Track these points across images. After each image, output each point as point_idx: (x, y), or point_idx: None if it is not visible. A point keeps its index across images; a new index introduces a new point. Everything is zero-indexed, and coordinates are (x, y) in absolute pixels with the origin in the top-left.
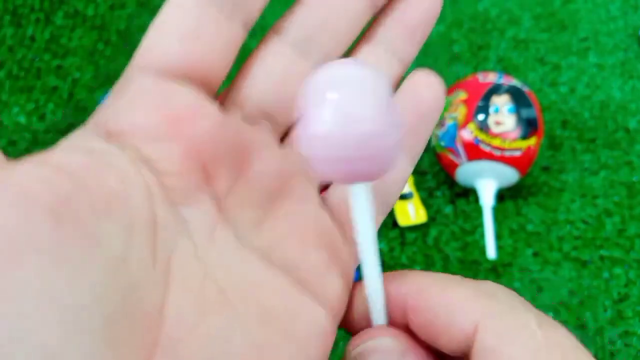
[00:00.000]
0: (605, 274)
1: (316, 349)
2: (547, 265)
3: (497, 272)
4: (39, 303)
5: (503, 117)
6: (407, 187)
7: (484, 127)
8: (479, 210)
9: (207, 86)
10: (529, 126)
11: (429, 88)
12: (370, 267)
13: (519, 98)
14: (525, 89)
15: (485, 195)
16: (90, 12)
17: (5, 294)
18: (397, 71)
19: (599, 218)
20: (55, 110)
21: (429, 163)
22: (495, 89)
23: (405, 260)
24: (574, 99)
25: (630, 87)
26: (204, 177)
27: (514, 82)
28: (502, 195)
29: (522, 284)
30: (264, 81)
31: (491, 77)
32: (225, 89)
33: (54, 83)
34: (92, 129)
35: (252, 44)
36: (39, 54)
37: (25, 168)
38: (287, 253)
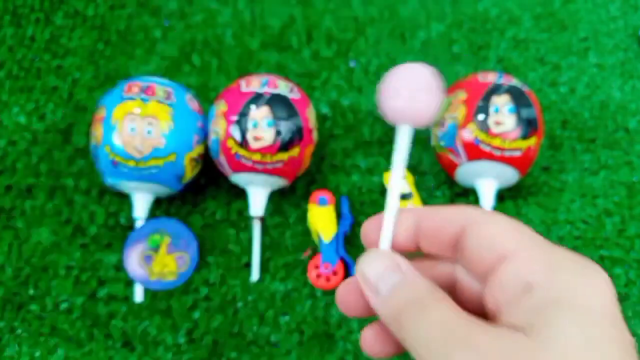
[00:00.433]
0: None
1: None
2: None
3: None
4: None
5: (503, 117)
6: (408, 187)
7: (484, 127)
8: None
9: None
10: (529, 126)
11: None
12: (394, 195)
13: (519, 98)
14: (525, 89)
15: (485, 195)
16: (90, 12)
17: None
18: None
19: (599, 218)
20: (55, 110)
21: (429, 163)
22: (495, 89)
23: None
24: (574, 99)
25: (630, 87)
26: None
27: (514, 82)
28: (502, 195)
29: None
30: None
31: (491, 77)
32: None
33: (54, 83)
34: None
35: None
36: (39, 54)
37: None
38: None
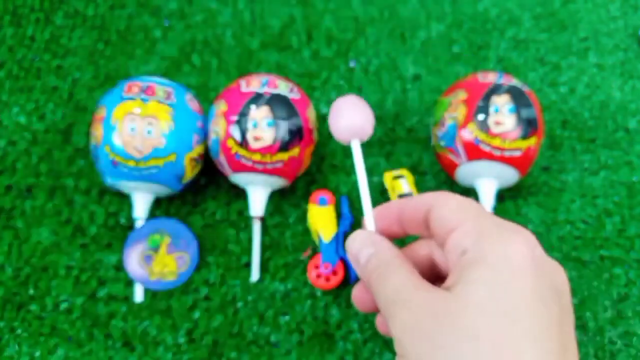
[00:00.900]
0: (605, 274)
1: None
2: None
3: None
4: None
5: (503, 117)
6: (408, 186)
7: (484, 127)
8: None
9: None
10: (529, 126)
11: None
12: (365, 195)
13: (519, 98)
14: (526, 89)
15: (485, 195)
16: (90, 12)
17: None
18: None
19: (599, 218)
20: (55, 110)
21: (429, 163)
22: (496, 89)
23: None
24: (574, 99)
25: (630, 87)
26: None
27: (514, 82)
28: (502, 195)
29: None
30: None
31: (491, 77)
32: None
33: (53, 83)
34: None
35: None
36: (39, 54)
37: None
38: None
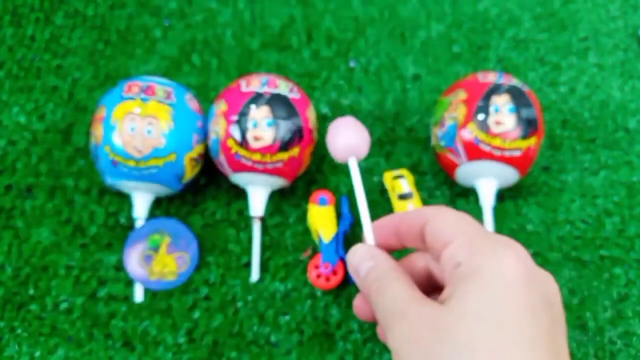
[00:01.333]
0: (605, 274)
1: None
2: (547, 265)
3: None
4: None
5: (503, 117)
6: (407, 186)
7: (484, 127)
8: (479, 210)
9: None
10: (529, 126)
11: None
12: (364, 210)
13: (519, 98)
14: (526, 89)
15: (485, 195)
16: (90, 12)
17: None
18: None
19: (598, 218)
20: (55, 110)
21: (429, 163)
22: (495, 89)
23: None
24: (574, 98)
25: (630, 87)
26: None
27: (514, 82)
28: (502, 195)
29: None
30: None
31: (491, 77)
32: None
33: (53, 83)
34: None
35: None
36: (38, 54)
37: None
38: None
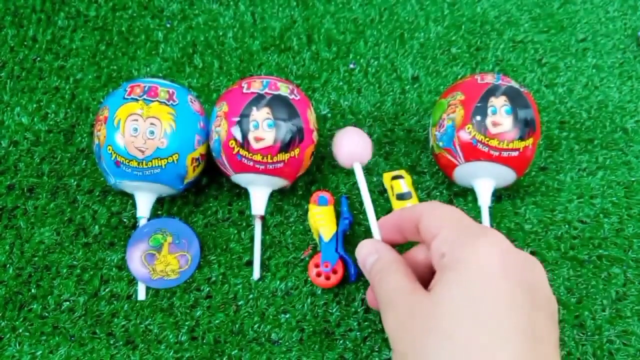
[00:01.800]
0: (604, 274)
1: None
2: (545, 264)
3: None
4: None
5: (501, 118)
6: (406, 187)
7: (481, 128)
8: (476, 210)
9: None
10: (527, 127)
11: None
12: (369, 209)
13: (516, 99)
14: (523, 90)
15: (482, 195)
16: (92, 13)
17: None
18: None
19: (596, 218)
20: (57, 111)
21: (427, 163)
22: (493, 90)
23: None
24: (572, 99)
25: (628, 88)
26: None
27: (512, 83)
28: (500, 195)
29: None
30: None
31: (489, 78)
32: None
33: (55, 84)
34: None
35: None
36: (40, 55)
37: None
38: None
